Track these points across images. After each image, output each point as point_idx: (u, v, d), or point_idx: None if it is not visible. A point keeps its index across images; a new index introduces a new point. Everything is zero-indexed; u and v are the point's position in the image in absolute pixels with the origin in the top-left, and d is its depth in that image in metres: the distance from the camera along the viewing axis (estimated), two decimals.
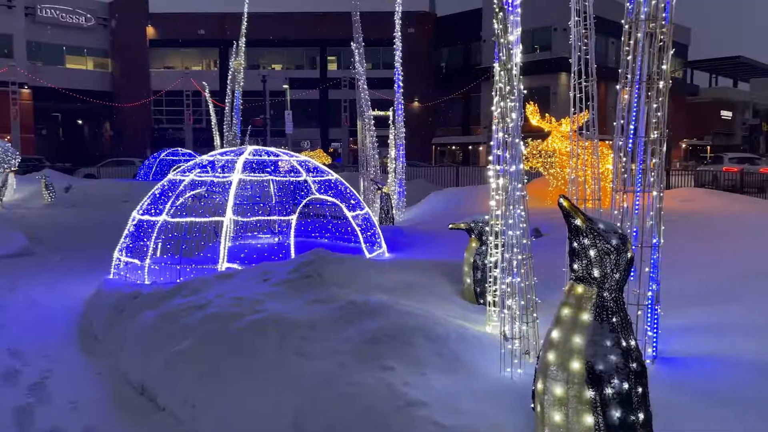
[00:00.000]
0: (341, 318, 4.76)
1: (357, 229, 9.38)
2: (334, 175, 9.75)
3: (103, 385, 5.07)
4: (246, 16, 19.11)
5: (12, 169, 12.24)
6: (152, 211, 8.45)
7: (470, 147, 47.17)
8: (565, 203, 2.91)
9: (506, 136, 4.18)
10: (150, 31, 50.51)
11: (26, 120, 44.35)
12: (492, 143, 4.57)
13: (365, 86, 14.51)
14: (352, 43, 14.47)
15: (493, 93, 4.48)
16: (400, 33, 14.63)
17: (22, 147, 37.80)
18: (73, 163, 39.80)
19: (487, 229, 5.40)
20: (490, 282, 5.00)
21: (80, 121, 55.45)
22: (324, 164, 10.47)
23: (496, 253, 4.76)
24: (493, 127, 4.53)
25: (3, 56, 43.62)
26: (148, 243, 8.23)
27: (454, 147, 49.11)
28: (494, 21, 4.25)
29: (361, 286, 5.71)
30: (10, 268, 9.99)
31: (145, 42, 50.39)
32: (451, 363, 4.09)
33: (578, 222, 2.89)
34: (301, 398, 3.85)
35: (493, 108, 4.48)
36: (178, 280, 7.26)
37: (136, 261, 8.12)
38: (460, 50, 49.40)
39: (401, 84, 14.74)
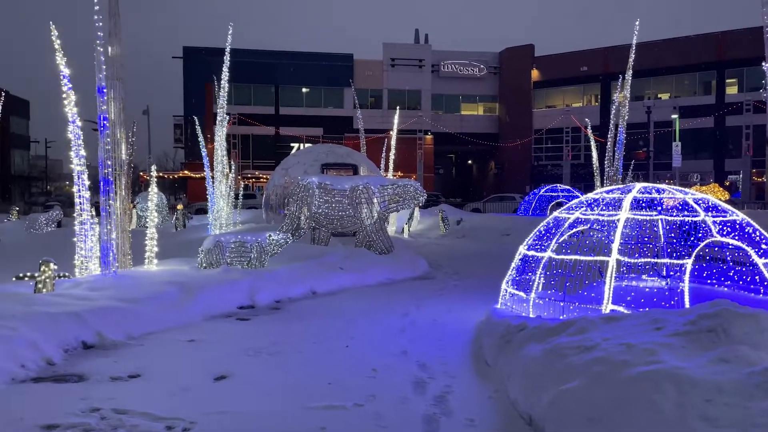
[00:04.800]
0: (757, 386, 4.06)
1: None
2: (739, 215, 8.50)
3: (493, 408, 5.44)
4: (634, 48, 18.45)
5: (419, 204, 14.54)
6: (537, 246, 8.78)
7: None
8: None
9: None
10: (534, 73, 53.41)
11: (428, 161, 51.99)
12: None
13: None
14: (763, 63, 12.50)
15: None
16: None
17: (424, 184, 44.31)
18: (462, 198, 44.81)
19: None
20: None
21: (469, 161, 62.12)
22: (720, 200, 9.19)
23: None
24: None
25: (413, 108, 52.14)
26: (533, 277, 8.56)
27: None
28: None
29: None
30: (417, 288, 11.73)
31: (530, 84, 53.50)
32: None
33: None
34: None
35: None
36: (561, 317, 7.34)
37: (522, 294, 8.52)
38: None
39: None
